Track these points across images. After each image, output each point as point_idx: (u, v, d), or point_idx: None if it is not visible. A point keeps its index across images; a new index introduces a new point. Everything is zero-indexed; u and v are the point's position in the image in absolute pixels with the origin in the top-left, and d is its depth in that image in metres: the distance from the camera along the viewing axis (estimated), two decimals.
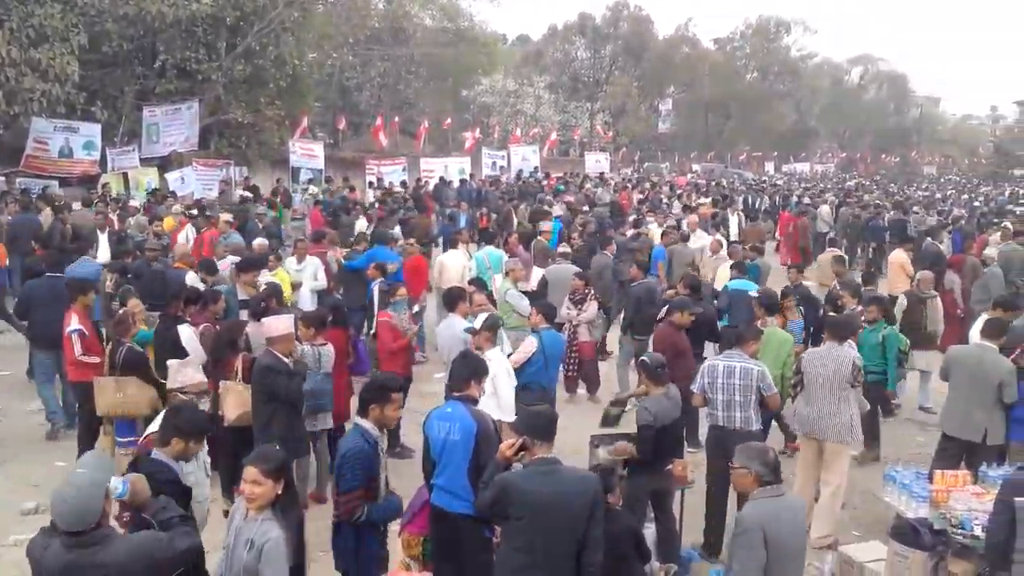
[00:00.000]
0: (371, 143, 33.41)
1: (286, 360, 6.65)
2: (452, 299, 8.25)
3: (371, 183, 26.22)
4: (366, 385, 5.27)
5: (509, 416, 6.78)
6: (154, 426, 5.16)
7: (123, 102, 23.02)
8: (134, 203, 18.02)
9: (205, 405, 5.20)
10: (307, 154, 26.91)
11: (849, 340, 7.79)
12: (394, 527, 6.96)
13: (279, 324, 6.84)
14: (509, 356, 7.88)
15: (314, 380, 7.19)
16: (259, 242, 12.56)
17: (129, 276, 10.30)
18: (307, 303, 10.77)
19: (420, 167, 30.04)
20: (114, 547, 3.58)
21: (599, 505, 4.45)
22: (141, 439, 4.99)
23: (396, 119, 36.92)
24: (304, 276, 11.36)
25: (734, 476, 4.65)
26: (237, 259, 11.17)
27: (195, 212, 15.93)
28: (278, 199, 19.88)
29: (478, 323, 7.20)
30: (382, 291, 9.50)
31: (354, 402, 8.10)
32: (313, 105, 31.21)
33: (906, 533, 6.04)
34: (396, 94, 40.54)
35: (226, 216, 14.73)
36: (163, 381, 8.00)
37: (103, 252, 12.99)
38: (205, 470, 5.16)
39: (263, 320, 7.09)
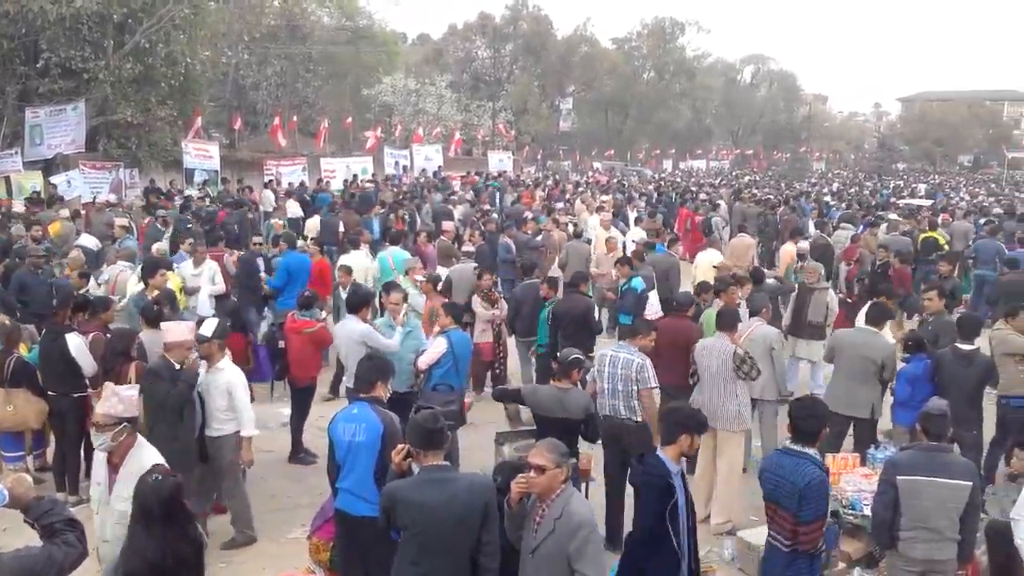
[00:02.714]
0: (269, 143, 32.76)
1: (176, 366, 6.45)
2: (355, 301, 8.15)
3: (267, 183, 25.73)
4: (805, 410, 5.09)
5: (251, 430, 6.80)
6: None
7: (4, 103, 22.03)
8: (19, 208, 17.21)
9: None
10: (201, 155, 26.18)
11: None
12: (298, 533, 6.93)
13: (177, 329, 6.66)
14: (420, 355, 7.84)
15: None
16: (157, 246, 12.20)
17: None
18: (205, 308, 10.48)
19: (321, 167, 29.62)
20: None
21: (493, 510, 4.35)
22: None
23: (294, 118, 36.28)
24: (201, 280, 11.04)
25: (548, 479, 4.26)
26: (129, 264, 10.84)
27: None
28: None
29: (207, 329, 6.76)
30: (302, 297, 9.20)
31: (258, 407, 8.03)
32: (207, 104, 30.36)
33: None
34: (294, 93, 39.82)
35: (121, 221, 14.26)
36: (51, 392, 7.71)
37: None
38: None
39: (163, 325, 6.88)
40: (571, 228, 16.74)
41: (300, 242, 13.73)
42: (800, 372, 11.19)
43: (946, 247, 16.17)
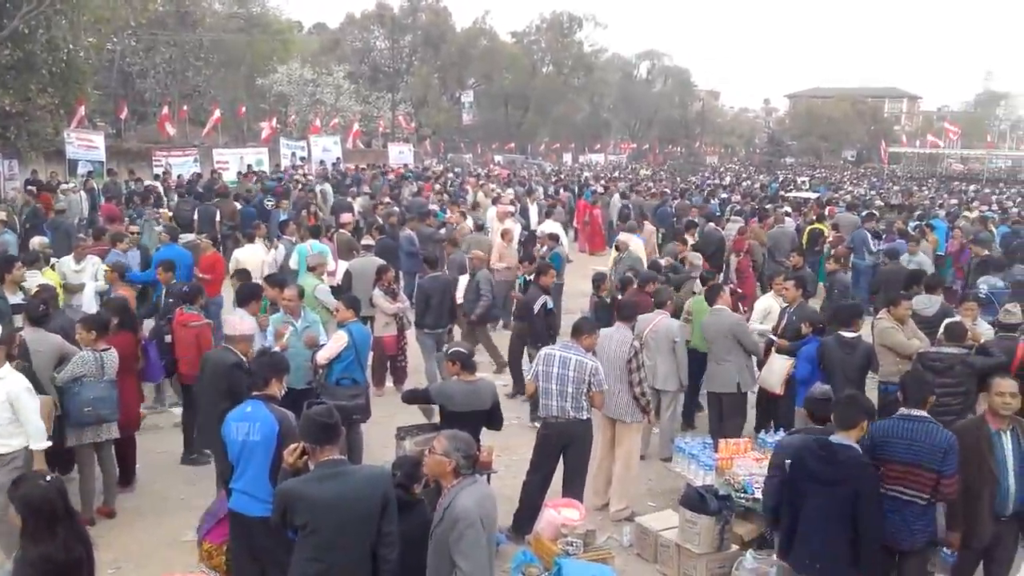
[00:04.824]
0: (158, 133, 31.65)
1: (244, 359, 6.44)
2: (244, 293, 7.92)
3: (157, 175, 24.86)
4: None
5: (41, 442, 6.00)
6: None
7: None
8: None
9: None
10: (86, 145, 25.12)
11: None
12: (192, 536, 6.71)
13: (243, 324, 6.69)
14: (318, 350, 7.68)
15: (97, 388, 6.73)
16: (38, 240, 11.64)
17: None
18: (91, 305, 10.00)
19: (213, 158, 28.77)
20: None
21: (391, 502, 4.34)
22: None
23: (185, 108, 35.15)
24: (85, 277, 10.57)
25: (432, 462, 4.40)
26: None
27: None
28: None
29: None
30: (182, 292, 8.86)
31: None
32: (91, 93, 29.09)
33: (694, 500, 6.41)
34: (184, 81, 38.56)
35: None
36: None
37: None
38: None
39: (225, 319, 6.81)
40: (470, 221, 16.75)
41: (191, 235, 13.35)
42: None
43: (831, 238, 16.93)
